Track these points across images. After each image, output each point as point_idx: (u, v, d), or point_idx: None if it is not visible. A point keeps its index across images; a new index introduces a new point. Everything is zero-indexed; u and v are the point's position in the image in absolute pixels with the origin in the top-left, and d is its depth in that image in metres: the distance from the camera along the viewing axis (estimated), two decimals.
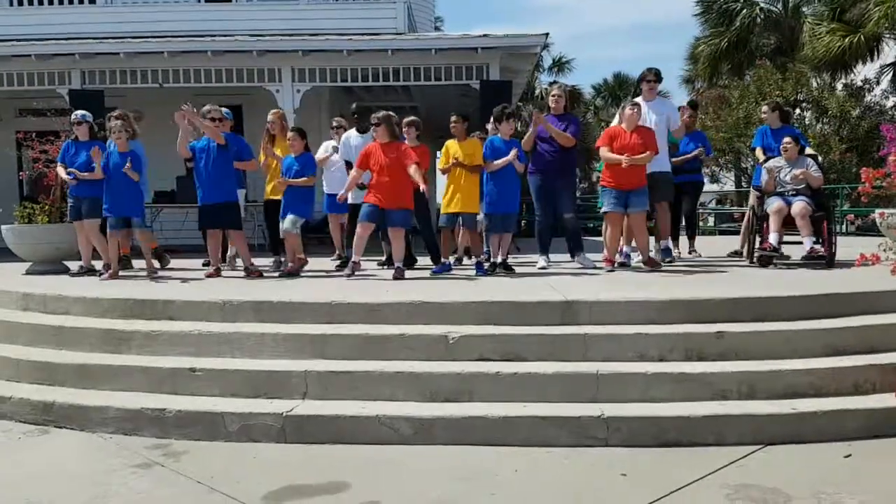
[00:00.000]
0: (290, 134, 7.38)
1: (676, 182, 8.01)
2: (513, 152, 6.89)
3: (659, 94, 7.84)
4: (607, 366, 4.49)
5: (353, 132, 7.90)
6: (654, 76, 7.47)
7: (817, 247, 7.09)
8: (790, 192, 7.37)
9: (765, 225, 7.35)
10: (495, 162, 6.91)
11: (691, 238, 9.03)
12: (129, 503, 3.47)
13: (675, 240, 8.49)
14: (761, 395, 4.34)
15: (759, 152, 8.25)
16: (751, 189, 8.79)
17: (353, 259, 6.75)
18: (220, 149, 6.87)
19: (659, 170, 7.39)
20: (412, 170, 6.46)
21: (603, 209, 7.10)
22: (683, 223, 9.10)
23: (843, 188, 16.05)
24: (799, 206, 7.13)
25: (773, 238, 7.14)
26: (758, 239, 7.59)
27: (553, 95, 7.39)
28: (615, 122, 7.53)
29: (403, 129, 7.30)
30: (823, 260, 7.13)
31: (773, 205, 7.25)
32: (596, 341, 4.67)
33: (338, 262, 7.90)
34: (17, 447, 4.27)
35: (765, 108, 8.80)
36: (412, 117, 7.48)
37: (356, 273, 6.71)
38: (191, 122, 6.87)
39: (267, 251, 8.57)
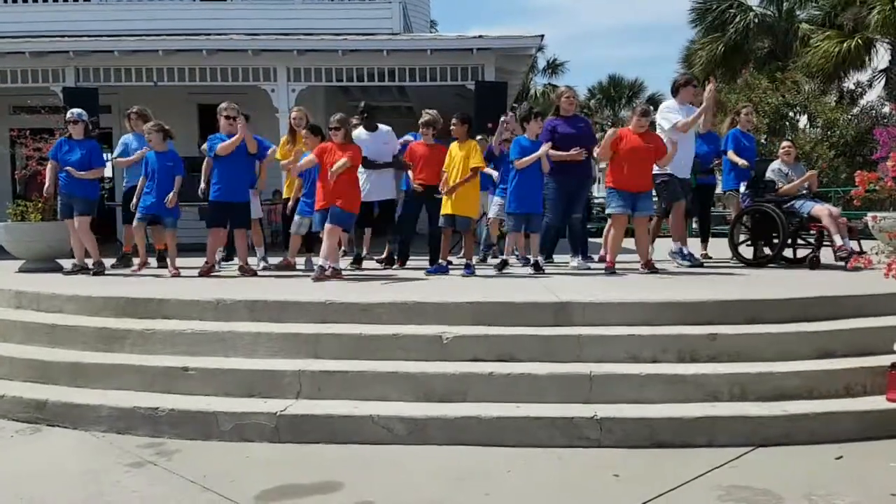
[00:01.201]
0: (303, 132, 7.26)
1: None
2: (545, 146, 6.84)
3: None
4: (601, 367, 4.50)
5: (361, 130, 7.81)
6: (699, 81, 7.37)
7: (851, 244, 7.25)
8: (808, 196, 7.52)
9: (825, 230, 7.24)
10: (524, 158, 6.84)
11: (704, 241, 8.93)
12: (122, 502, 3.46)
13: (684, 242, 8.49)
14: (753, 397, 4.36)
15: (732, 155, 8.23)
16: (728, 193, 8.59)
17: (325, 264, 6.59)
18: (245, 150, 6.98)
19: (680, 176, 7.40)
20: (339, 161, 6.43)
21: (609, 210, 7.00)
22: (695, 225, 9.06)
23: (837, 191, 16.13)
24: (834, 207, 7.37)
25: (839, 240, 7.14)
26: (772, 241, 7.63)
27: (567, 97, 7.40)
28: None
29: (421, 130, 7.28)
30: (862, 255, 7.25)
31: (822, 208, 7.32)
32: (589, 342, 4.68)
33: (349, 261, 7.82)
34: (10, 445, 4.26)
35: (749, 110, 8.81)
36: (427, 117, 7.34)
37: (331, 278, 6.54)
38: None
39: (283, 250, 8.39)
